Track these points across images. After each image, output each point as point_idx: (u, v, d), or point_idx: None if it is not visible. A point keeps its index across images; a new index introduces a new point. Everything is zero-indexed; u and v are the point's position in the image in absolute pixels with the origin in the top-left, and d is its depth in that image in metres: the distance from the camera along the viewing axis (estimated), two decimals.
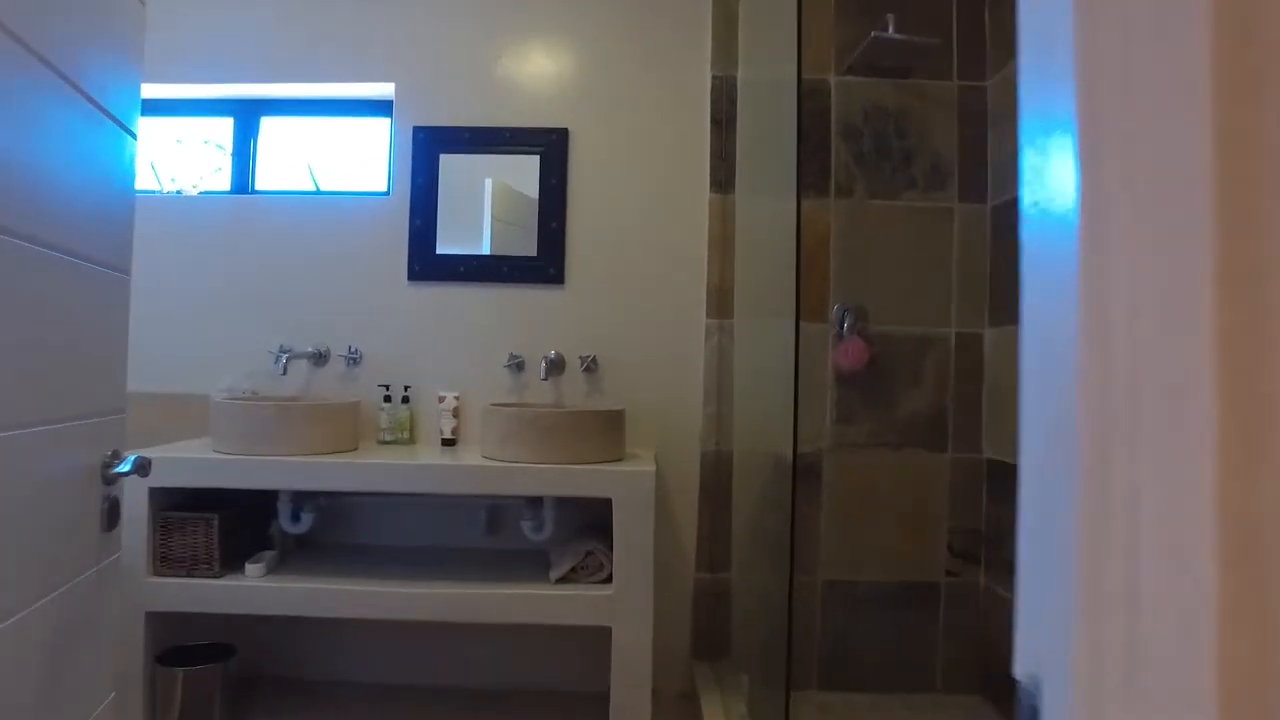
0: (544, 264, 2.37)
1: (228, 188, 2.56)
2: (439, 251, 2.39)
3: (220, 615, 1.99)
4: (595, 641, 2.02)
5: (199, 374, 2.39)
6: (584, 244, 2.38)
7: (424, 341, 2.39)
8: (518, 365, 2.34)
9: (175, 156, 2.59)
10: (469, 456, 2.09)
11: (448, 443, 2.30)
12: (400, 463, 1.97)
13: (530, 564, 2.16)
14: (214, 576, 1.99)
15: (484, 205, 2.40)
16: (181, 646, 2.05)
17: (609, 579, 1.98)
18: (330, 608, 1.96)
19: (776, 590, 2.34)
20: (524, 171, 2.39)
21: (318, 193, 2.54)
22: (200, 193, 2.50)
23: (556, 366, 2.32)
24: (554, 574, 2.00)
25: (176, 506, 2.05)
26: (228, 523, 2.03)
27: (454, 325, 2.38)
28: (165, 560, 2.01)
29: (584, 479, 1.94)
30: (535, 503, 2.12)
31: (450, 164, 2.41)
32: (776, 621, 2.16)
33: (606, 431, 2.04)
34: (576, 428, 1.99)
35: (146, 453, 1.23)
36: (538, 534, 2.11)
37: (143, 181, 2.57)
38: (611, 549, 1.96)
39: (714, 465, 2.35)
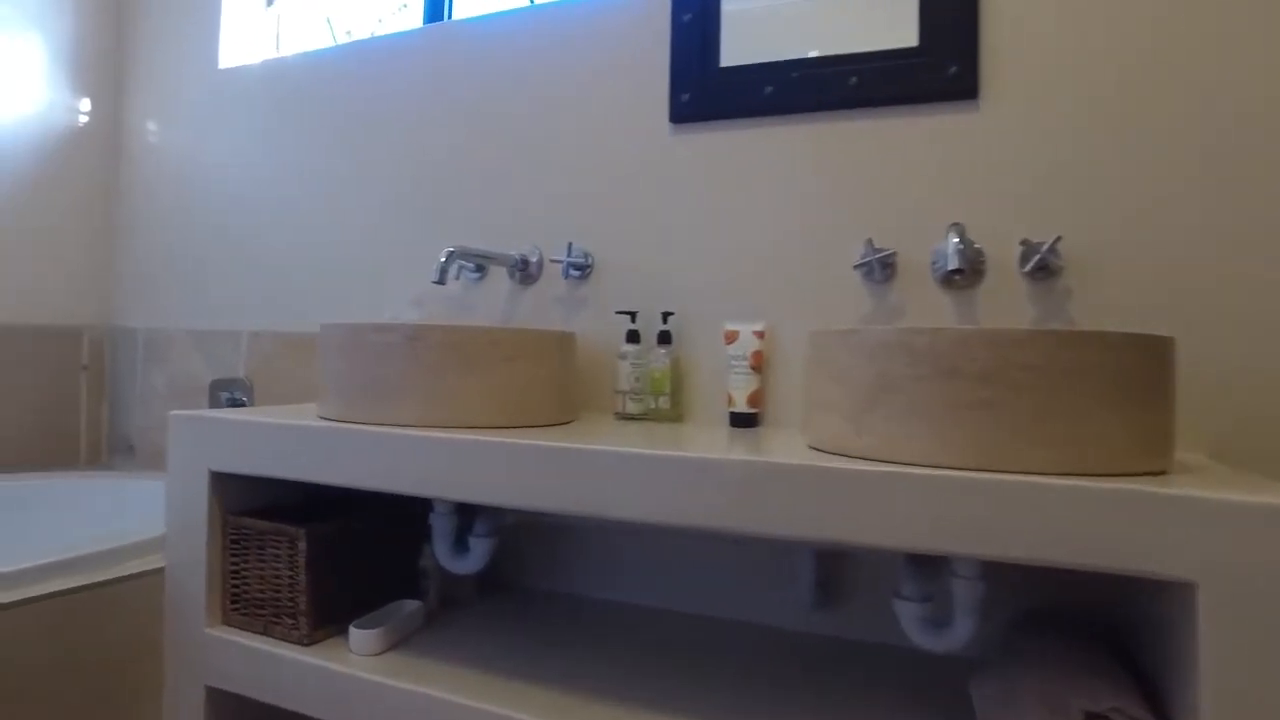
0: (933, 62, 1.15)
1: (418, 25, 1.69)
2: (724, 64, 1.28)
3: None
4: None
5: (370, 300, 1.53)
6: (1020, 17, 1.13)
7: (699, 233, 1.29)
8: (883, 265, 1.14)
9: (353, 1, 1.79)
10: (783, 446, 0.94)
11: (742, 420, 1.18)
12: (631, 452, 0.86)
13: (918, 696, 0.96)
14: (299, 642, 1.07)
15: None
16: None
17: None
18: None
19: None
20: None
21: (532, 7, 1.57)
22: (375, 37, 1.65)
23: (971, 263, 1.09)
24: None
25: (260, 511, 1.16)
26: (324, 544, 1.09)
27: (754, 198, 1.26)
28: (238, 602, 1.12)
29: (1099, 520, 0.69)
30: (931, 565, 0.91)
31: None
32: None
33: (1131, 391, 0.76)
34: (1054, 374, 0.74)
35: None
36: (935, 635, 0.90)
37: (309, 39, 1.79)
38: (1162, 711, 0.69)
39: None
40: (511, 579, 1.37)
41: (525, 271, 1.38)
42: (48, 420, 1.86)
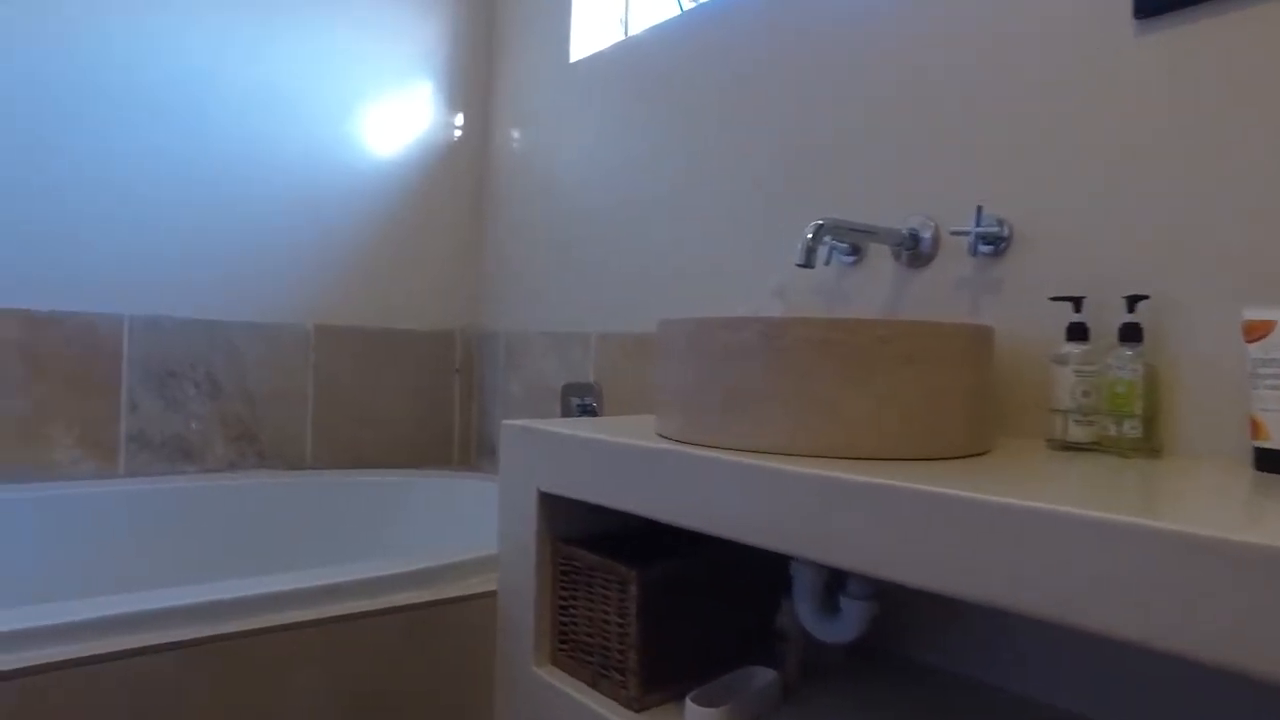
0: None
1: None
2: None
3: None
4: None
5: (725, 294, 1.33)
6: None
7: (1184, 178, 0.86)
8: None
9: None
10: None
11: (1275, 458, 0.74)
12: (1098, 517, 0.51)
13: None
14: (628, 705, 0.87)
15: None
16: None
17: None
18: None
19: None
20: None
21: None
22: None
23: None
24: None
25: (593, 541, 0.99)
26: (660, 590, 0.88)
27: None
28: (567, 643, 0.96)
29: None
30: None
31: None
32: None
33: None
34: None
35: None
36: None
37: (657, 18, 1.66)
38: None
39: None
40: (890, 644, 1.06)
41: (915, 250, 1.06)
42: (426, 420, 1.95)
